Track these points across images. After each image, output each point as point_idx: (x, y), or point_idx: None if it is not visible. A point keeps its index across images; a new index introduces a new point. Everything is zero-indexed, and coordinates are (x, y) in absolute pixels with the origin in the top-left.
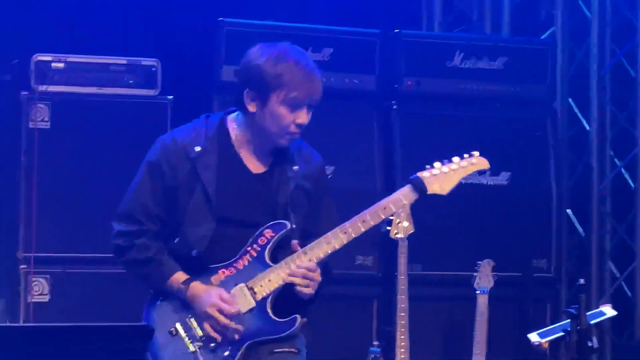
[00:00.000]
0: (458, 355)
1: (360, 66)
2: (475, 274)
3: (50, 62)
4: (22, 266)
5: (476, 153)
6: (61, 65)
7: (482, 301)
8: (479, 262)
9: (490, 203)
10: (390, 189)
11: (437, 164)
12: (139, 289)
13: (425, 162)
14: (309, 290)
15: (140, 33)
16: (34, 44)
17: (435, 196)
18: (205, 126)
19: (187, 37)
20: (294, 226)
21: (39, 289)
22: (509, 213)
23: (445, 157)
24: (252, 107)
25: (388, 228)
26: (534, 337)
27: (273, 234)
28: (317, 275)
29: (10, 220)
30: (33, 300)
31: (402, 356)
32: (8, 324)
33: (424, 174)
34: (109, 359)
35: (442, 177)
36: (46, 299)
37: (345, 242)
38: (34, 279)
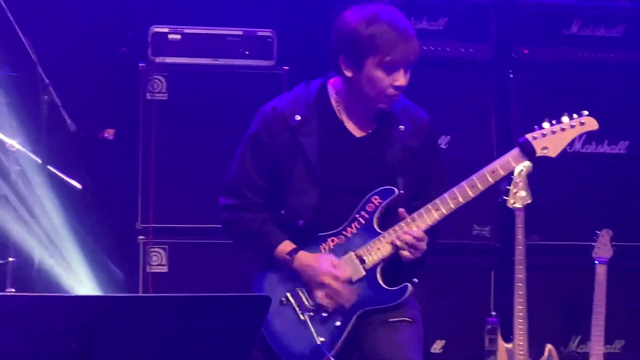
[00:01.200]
0: (577, 326)
1: (476, 35)
2: (594, 243)
3: (167, 33)
4: (140, 237)
5: (585, 112)
6: (178, 37)
7: (601, 271)
8: (597, 231)
9: (608, 172)
10: None
11: (545, 125)
12: (254, 259)
13: None
14: (413, 255)
15: (255, 3)
16: (150, 16)
17: (552, 165)
18: (306, 93)
19: (302, 7)
20: (402, 192)
21: (158, 260)
22: (628, 182)
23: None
24: (348, 73)
25: (505, 198)
26: None
27: (381, 201)
28: (423, 245)
29: (128, 192)
30: (152, 270)
31: (520, 327)
32: (127, 294)
33: (533, 135)
34: (228, 328)
35: (551, 138)
36: (165, 269)
37: (454, 208)
38: (152, 249)
